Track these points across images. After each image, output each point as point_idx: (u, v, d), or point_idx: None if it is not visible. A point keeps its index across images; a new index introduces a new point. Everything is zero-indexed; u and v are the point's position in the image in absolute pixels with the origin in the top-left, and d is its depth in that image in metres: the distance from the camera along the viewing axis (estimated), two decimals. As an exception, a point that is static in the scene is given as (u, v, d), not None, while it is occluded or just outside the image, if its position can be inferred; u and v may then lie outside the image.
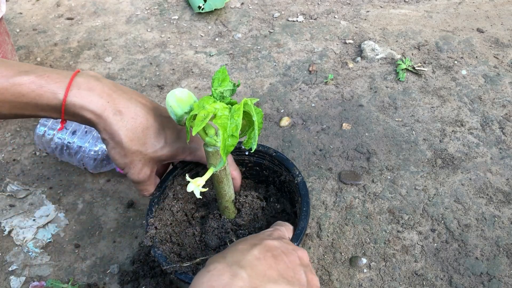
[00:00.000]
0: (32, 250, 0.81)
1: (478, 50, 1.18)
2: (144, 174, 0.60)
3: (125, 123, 0.55)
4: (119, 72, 1.18)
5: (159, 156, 0.59)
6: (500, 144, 0.95)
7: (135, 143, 0.56)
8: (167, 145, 0.59)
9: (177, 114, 0.52)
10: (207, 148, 0.54)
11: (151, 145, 0.58)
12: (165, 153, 0.59)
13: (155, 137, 0.58)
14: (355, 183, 0.89)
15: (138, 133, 0.56)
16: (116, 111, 0.55)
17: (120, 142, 0.55)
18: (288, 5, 1.38)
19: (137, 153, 0.57)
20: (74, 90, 0.54)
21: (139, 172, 0.59)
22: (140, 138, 0.56)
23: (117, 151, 0.56)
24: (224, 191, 0.60)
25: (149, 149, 0.58)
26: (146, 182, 0.61)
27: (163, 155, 0.59)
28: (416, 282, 0.74)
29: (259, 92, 1.10)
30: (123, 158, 0.57)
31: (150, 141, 0.58)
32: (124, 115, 0.55)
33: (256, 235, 0.54)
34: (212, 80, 0.52)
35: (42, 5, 1.45)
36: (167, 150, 0.59)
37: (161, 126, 0.59)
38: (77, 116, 0.55)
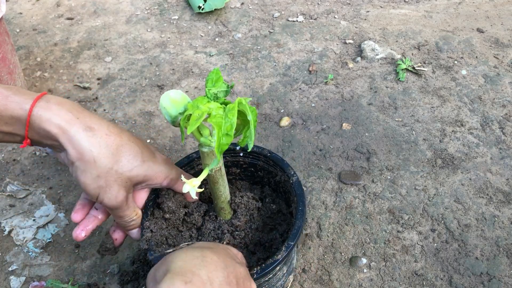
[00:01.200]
0: (32, 250, 0.81)
1: (478, 50, 1.18)
2: (121, 197, 0.53)
3: (97, 139, 0.50)
4: (119, 72, 1.18)
5: (135, 176, 0.54)
6: (500, 144, 0.95)
7: (110, 161, 0.51)
8: (144, 164, 0.54)
9: (171, 115, 0.52)
10: (202, 149, 0.54)
11: (127, 163, 0.52)
12: (142, 173, 0.54)
13: (130, 155, 0.53)
14: (355, 183, 0.89)
15: (112, 150, 0.51)
16: (86, 127, 0.50)
17: (92, 161, 0.50)
18: (288, 5, 1.38)
19: (111, 173, 0.51)
20: (42, 102, 0.49)
21: (116, 195, 0.53)
22: (114, 155, 0.51)
23: (89, 174, 0.50)
24: (219, 191, 0.60)
25: (125, 168, 0.52)
26: (123, 206, 0.55)
27: (139, 175, 0.54)
28: (416, 282, 0.74)
29: (259, 92, 1.10)
30: (96, 180, 0.51)
31: (126, 159, 0.52)
32: (96, 131, 0.50)
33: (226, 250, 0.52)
34: (205, 81, 0.52)
35: (42, 5, 1.45)
36: (144, 170, 0.54)
37: (136, 145, 0.54)
38: (41, 131, 0.49)
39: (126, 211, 0.56)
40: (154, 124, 1.04)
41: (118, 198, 0.53)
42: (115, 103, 1.09)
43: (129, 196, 0.56)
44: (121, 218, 0.57)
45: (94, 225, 0.59)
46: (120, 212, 0.56)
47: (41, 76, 1.18)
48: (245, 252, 0.63)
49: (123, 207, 0.55)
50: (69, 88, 1.14)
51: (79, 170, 0.50)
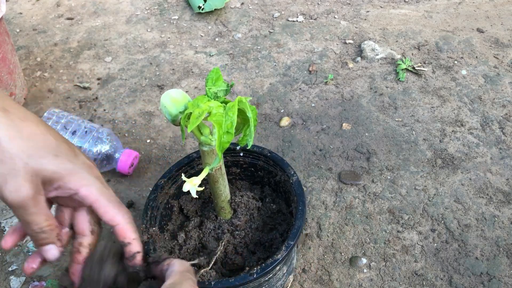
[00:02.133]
0: (32, 250, 0.81)
1: (478, 50, 1.18)
2: (25, 192, 0.43)
3: (8, 121, 0.43)
4: (119, 72, 1.18)
5: (43, 170, 0.44)
6: (500, 144, 0.95)
7: (17, 147, 0.43)
8: (56, 159, 0.45)
9: (172, 114, 0.52)
10: (203, 148, 0.54)
11: (36, 153, 0.44)
12: (51, 168, 0.45)
13: (42, 146, 0.45)
14: (355, 183, 0.89)
15: (24, 136, 0.44)
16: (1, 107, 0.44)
17: None
18: (288, 5, 1.38)
19: (16, 161, 0.43)
20: None
21: (19, 187, 0.43)
22: (24, 142, 0.44)
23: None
24: (219, 190, 0.60)
25: (33, 157, 0.44)
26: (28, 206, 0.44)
27: (48, 170, 0.45)
28: (416, 282, 0.74)
29: (259, 92, 1.10)
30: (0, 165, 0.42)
31: (36, 148, 0.44)
32: (11, 114, 0.44)
33: None
34: (205, 80, 0.52)
35: (42, 5, 1.45)
36: (54, 165, 0.45)
37: (53, 138, 0.46)
38: None
39: (33, 215, 0.45)
40: (154, 124, 1.04)
41: (21, 192, 0.43)
42: (115, 103, 1.09)
43: (38, 197, 0.45)
44: (28, 225, 0.45)
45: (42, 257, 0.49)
46: (26, 215, 0.44)
47: (41, 76, 1.18)
48: (245, 252, 0.63)
49: (28, 207, 0.44)
50: (69, 88, 1.14)
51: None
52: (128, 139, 1.01)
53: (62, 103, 1.10)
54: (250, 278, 0.54)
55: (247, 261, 0.62)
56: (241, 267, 0.62)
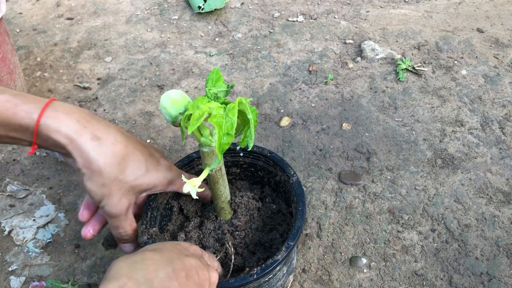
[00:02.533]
0: (32, 250, 0.81)
1: (478, 50, 1.18)
2: (122, 206, 0.55)
3: (104, 149, 0.51)
4: (119, 72, 1.18)
5: (139, 185, 0.55)
6: (500, 144, 0.95)
7: (115, 170, 0.52)
8: (148, 174, 0.56)
9: (172, 115, 0.52)
10: (203, 149, 0.54)
11: (132, 172, 0.54)
12: (146, 182, 0.56)
13: (135, 164, 0.54)
14: (355, 183, 0.89)
15: (118, 160, 0.52)
16: (93, 136, 0.51)
17: (98, 170, 0.51)
18: (288, 5, 1.38)
19: (116, 182, 0.53)
20: (50, 111, 0.50)
21: (117, 203, 0.54)
22: (120, 164, 0.53)
23: (94, 182, 0.52)
24: (220, 191, 0.60)
25: (130, 177, 0.54)
26: (122, 216, 0.56)
27: (143, 184, 0.56)
28: (416, 282, 0.74)
29: (259, 92, 1.10)
30: (101, 188, 0.52)
31: (130, 168, 0.54)
32: (103, 141, 0.52)
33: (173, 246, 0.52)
34: (206, 81, 0.52)
35: (42, 5, 1.45)
36: (148, 179, 0.56)
37: (141, 154, 0.56)
38: (49, 140, 0.51)
39: (123, 221, 0.57)
40: (154, 124, 1.04)
41: (118, 207, 0.54)
42: (115, 103, 1.09)
43: (129, 207, 0.57)
44: (117, 229, 0.58)
45: (101, 225, 0.61)
46: (117, 222, 0.56)
47: (41, 76, 1.18)
48: (245, 252, 0.63)
49: (121, 217, 0.56)
50: (69, 88, 1.14)
51: (85, 177, 0.52)
52: (128, 139, 1.01)
53: (62, 103, 1.10)
54: (250, 279, 0.54)
55: (247, 261, 0.62)
56: (241, 267, 0.62)
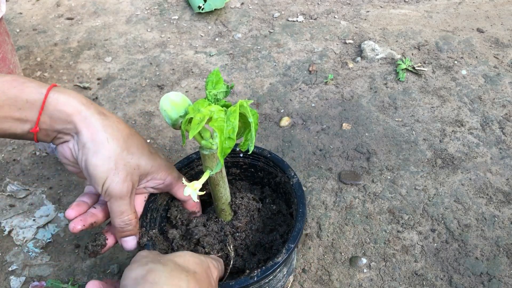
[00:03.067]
0: (32, 250, 0.81)
1: (478, 50, 1.18)
2: (127, 186, 0.53)
3: (109, 122, 0.51)
4: (119, 72, 1.18)
5: (144, 166, 0.54)
6: (500, 144, 0.95)
7: (121, 145, 0.51)
8: (151, 156, 0.55)
9: (172, 118, 0.51)
10: (203, 151, 0.54)
11: (137, 150, 0.53)
12: (150, 163, 0.55)
13: (138, 145, 0.54)
14: (355, 183, 0.89)
15: (124, 136, 0.52)
16: (100, 112, 0.52)
17: (105, 141, 0.50)
18: (288, 5, 1.38)
19: (122, 156, 0.52)
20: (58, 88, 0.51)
21: (123, 181, 0.52)
22: (125, 141, 0.52)
23: (100, 155, 0.50)
24: (220, 193, 0.60)
25: (135, 155, 0.53)
26: (127, 199, 0.54)
27: (147, 165, 0.55)
28: (416, 282, 0.74)
29: (259, 92, 1.10)
30: (107, 162, 0.50)
31: (135, 147, 0.53)
32: (109, 117, 0.52)
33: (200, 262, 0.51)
34: (206, 83, 0.52)
35: (42, 5, 1.45)
36: (151, 160, 0.55)
37: (142, 138, 0.56)
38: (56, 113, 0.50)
39: (128, 205, 0.54)
40: (154, 124, 1.04)
41: (124, 184, 0.52)
42: (115, 103, 1.09)
43: (133, 190, 0.54)
44: (121, 215, 0.54)
45: (93, 220, 0.56)
46: (122, 206, 0.53)
47: (41, 76, 1.18)
48: (245, 253, 0.63)
49: (126, 199, 0.53)
50: (69, 88, 1.14)
51: (90, 152, 0.50)
52: (128, 139, 1.01)
53: (62, 103, 1.10)
54: (250, 281, 0.54)
55: (247, 263, 0.62)
56: (241, 269, 0.62)
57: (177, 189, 0.61)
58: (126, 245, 0.59)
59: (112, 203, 0.53)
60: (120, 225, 0.56)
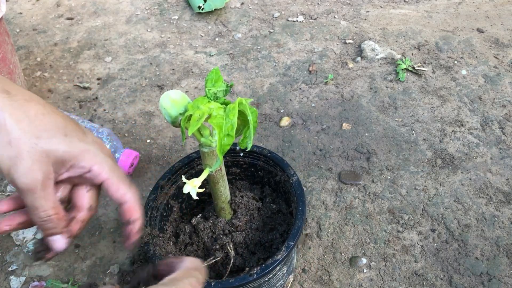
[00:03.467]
0: (32, 250, 0.82)
1: (478, 50, 1.18)
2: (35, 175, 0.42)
3: (12, 102, 0.42)
4: (119, 72, 1.18)
5: (54, 150, 0.43)
6: (500, 144, 0.95)
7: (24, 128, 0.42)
8: (66, 139, 0.44)
9: (172, 116, 0.52)
10: (203, 149, 0.54)
11: (45, 133, 0.43)
12: (62, 148, 0.44)
13: (51, 125, 0.44)
14: (355, 183, 0.89)
15: (30, 117, 0.43)
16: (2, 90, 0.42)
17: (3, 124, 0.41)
18: (288, 5, 1.38)
19: (24, 141, 0.42)
20: None
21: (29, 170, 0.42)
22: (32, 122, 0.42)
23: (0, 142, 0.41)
24: (220, 191, 0.60)
25: (42, 138, 0.43)
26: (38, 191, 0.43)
27: (59, 150, 0.44)
28: (416, 282, 0.74)
29: (259, 92, 1.10)
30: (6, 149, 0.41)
31: (44, 128, 0.43)
32: (14, 96, 0.43)
33: None
34: (205, 81, 0.52)
35: (42, 5, 1.45)
36: (65, 145, 0.44)
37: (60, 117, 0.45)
38: None
39: (41, 199, 0.43)
40: (154, 124, 1.04)
41: (31, 175, 0.42)
42: (115, 103, 1.09)
43: (47, 181, 0.44)
44: (36, 210, 0.44)
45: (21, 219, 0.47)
46: (34, 200, 0.43)
47: (41, 76, 1.18)
48: (245, 252, 0.63)
49: (37, 191, 0.43)
50: (69, 88, 1.14)
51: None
52: (128, 139, 1.01)
53: (62, 103, 1.10)
54: (250, 279, 0.54)
55: (247, 261, 0.62)
56: (241, 267, 0.62)
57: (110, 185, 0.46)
58: (53, 246, 0.48)
59: (24, 197, 0.44)
60: (38, 222, 0.45)
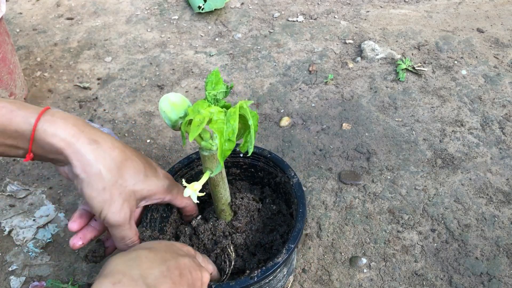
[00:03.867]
0: (32, 250, 0.81)
1: (478, 50, 1.18)
2: (125, 213, 0.52)
3: (102, 152, 0.50)
4: (119, 72, 1.18)
5: (139, 191, 0.54)
6: (500, 144, 0.95)
7: (115, 174, 0.51)
8: (147, 179, 0.54)
9: (172, 119, 0.51)
10: (203, 152, 0.54)
11: (131, 177, 0.53)
12: (146, 188, 0.55)
13: (134, 169, 0.53)
14: (355, 183, 0.89)
15: (117, 164, 0.51)
16: (91, 140, 0.50)
17: (98, 173, 0.49)
18: (288, 5, 1.38)
19: (116, 186, 0.51)
20: (47, 116, 0.50)
21: (120, 210, 0.52)
22: (119, 168, 0.51)
23: (94, 187, 0.50)
24: (220, 194, 0.60)
25: (130, 181, 0.52)
26: (126, 225, 0.54)
27: (144, 190, 0.54)
28: (416, 282, 0.74)
29: (259, 92, 1.10)
30: (101, 193, 0.50)
31: (130, 173, 0.53)
32: (101, 145, 0.51)
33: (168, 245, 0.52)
34: (205, 84, 0.52)
35: (42, 5, 1.45)
36: (147, 185, 0.55)
37: (139, 160, 0.55)
38: (46, 146, 0.49)
39: (128, 230, 0.54)
40: (154, 124, 1.04)
41: (121, 213, 0.52)
42: (115, 103, 1.09)
43: (132, 215, 0.54)
44: (123, 240, 0.55)
45: (92, 235, 0.57)
46: (123, 232, 0.54)
47: (41, 76, 1.18)
48: (245, 254, 0.63)
49: (125, 225, 0.53)
50: (69, 88, 1.14)
51: (84, 183, 0.50)
52: (128, 139, 1.01)
53: (62, 103, 1.10)
54: (250, 282, 0.54)
55: (248, 263, 0.62)
56: (242, 269, 0.62)
57: (176, 201, 0.61)
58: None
59: (112, 230, 0.54)
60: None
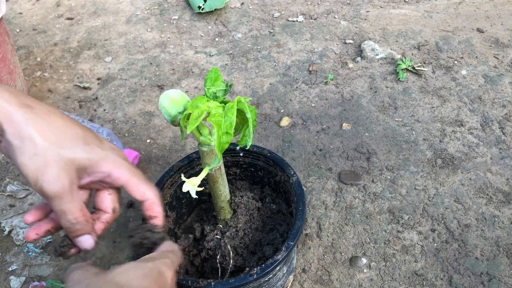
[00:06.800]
0: (32, 250, 0.81)
1: (478, 50, 1.18)
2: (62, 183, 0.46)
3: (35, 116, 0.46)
4: (119, 72, 1.18)
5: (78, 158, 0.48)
6: (500, 144, 0.95)
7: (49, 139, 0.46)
8: (86, 147, 0.49)
9: (171, 115, 0.52)
10: (202, 148, 0.54)
11: (68, 143, 0.47)
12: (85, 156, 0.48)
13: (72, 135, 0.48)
14: (355, 183, 0.89)
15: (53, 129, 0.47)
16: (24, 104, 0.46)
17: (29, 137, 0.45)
18: (288, 5, 1.38)
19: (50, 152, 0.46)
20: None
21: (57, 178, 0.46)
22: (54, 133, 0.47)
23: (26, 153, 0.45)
24: (219, 191, 0.60)
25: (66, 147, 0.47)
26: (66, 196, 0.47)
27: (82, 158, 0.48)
28: (416, 282, 0.74)
29: (259, 92, 1.10)
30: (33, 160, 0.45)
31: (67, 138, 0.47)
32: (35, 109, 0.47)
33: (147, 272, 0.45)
34: (204, 80, 0.52)
35: (42, 5, 1.45)
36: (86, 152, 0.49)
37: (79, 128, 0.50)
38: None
39: (69, 203, 0.47)
40: (154, 124, 1.04)
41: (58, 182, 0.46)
42: (115, 103, 1.09)
43: (73, 186, 0.48)
44: (64, 215, 0.48)
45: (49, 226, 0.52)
46: (62, 205, 0.47)
47: (41, 76, 1.18)
48: (245, 252, 0.63)
49: (65, 197, 0.47)
50: (69, 88, 1.14)
51: (17, 150, 0.45)
52: (128, 139, 1.01)
53: (62, 103, 1.10)
54: (250, 279, 0.54)
55: (247, 261, 0.62)
56: (241, 267, 0.62)
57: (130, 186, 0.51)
58: (81, 245, 0.52)
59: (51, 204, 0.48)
60: (66, 225, 0.49)
